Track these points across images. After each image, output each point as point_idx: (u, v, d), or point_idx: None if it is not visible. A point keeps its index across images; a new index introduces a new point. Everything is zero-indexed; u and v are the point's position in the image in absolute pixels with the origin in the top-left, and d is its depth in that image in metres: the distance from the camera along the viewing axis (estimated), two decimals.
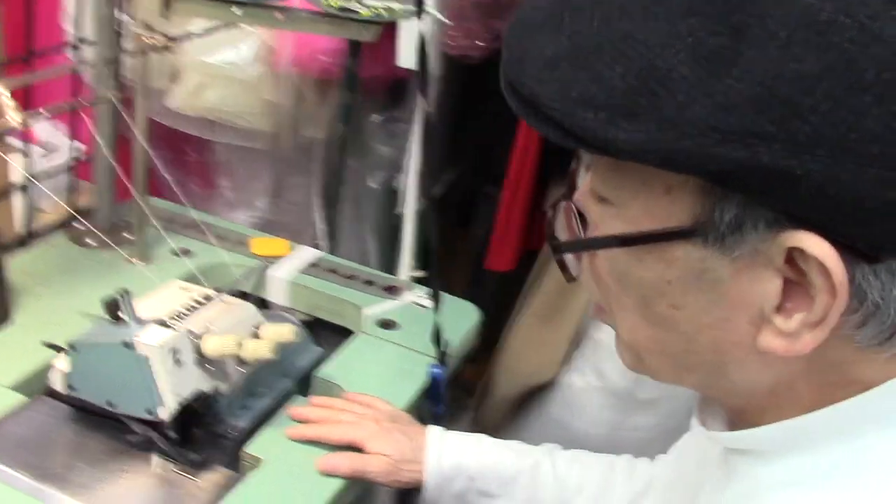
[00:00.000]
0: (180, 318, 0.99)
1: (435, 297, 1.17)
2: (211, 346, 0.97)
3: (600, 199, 0.59)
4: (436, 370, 1.13)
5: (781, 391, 0.58)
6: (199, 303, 1.04)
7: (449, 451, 1.00)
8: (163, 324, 0.94)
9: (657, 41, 0.49)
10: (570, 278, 0.66)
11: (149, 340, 0.91)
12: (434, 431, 1.03)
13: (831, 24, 0.47)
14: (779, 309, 0.54)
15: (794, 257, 0.52)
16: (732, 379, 0.59)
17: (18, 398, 1.02)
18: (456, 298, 1.33)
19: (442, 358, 1.15)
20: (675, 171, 0.51)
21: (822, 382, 0.57)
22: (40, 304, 1.18)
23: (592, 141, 0.52)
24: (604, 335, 1.48)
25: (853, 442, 0.56)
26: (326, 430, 1.00)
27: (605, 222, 0.59)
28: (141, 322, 0.94)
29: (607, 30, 0.51)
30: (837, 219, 0.50)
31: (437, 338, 1.15)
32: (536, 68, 0.54)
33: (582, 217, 0.62)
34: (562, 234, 0.65)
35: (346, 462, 0.98)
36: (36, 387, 1.04)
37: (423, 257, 1.41)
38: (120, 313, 0.93)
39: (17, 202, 1.31)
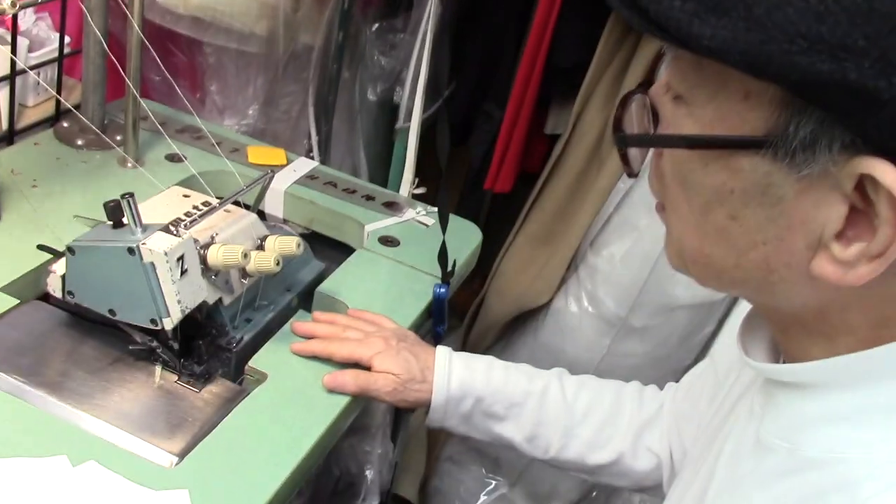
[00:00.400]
0: (183, 226, 0.95)
1: (443, 216, 1.14)
2: (216, 256, 0.93)
3: (676, 97, 0.56)
4: (440, 289, 1.11)
5: (833, 319, 0.57)
6: (202, 210, 1.00)
7: (457, 372, 0.99)
8: (168, 230, 0.90)
9: None
10: (631, 173, 0.64)
11: (155, 247, 0.87)
12: (442, 351, 1.01)
13: None
14: (838, 236, 0.52)
15: (863, 185, 0.49)
16: (779, 298, 0.58)
17: (10, 301, 0.98)
18: (458, 218, 1.30)
19: (446, 277, 1.13)
20: (756, 76, 0.49)
21: (879, 317, 0.55)
22: (29, 206, 1.13)
23: (676, 33, 0.49)
24: (600, 261, 1.46)
25: None
26: (334, 346, 0.98)
27: (677, 121, 0.56)
28: (145, 228, 0.89)
29: None
30: None
31: (443, 256, 1.12)
32: None
33: (654, 113, 0.60)
34: (629, 127, 0.62)
35: (353, 380, 0.95)
36: (29, 290, 1.00)
37: (419, 174, 1.38)
38: (123, 218, 0.89)
39: (1, 96, 1.24)
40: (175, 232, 0.90)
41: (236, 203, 1.04)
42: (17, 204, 1.13)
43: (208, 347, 0.97)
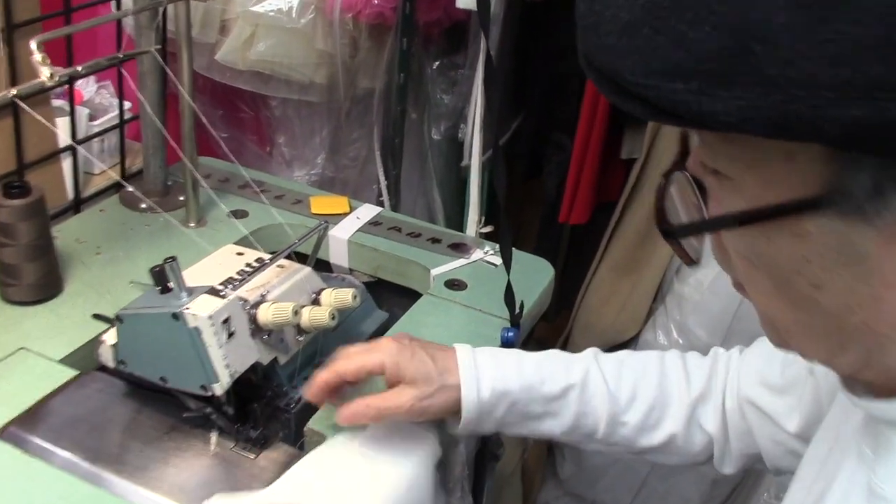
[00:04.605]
0: (234, 285, 0.92)
1: (506, 255, 1.08)
2: (267, 315, 0.90)
3: (714, 172, 0.51)
4: (508, 334, 1.05)
5: None
6: (254, 268, 0.97)
7: (487, 376, 0.87)
8: (214, 292, 0.87)
9: None
10: (692, 262, 0.58)
11: (199, 311, 0.84)
12: (464, 352, 0.88)
13: None
14: None
15: None
16: (894, 359, 0.51)
17: (69, 373, 0.97)
18: (528, 255, 1.24)
19: (515, 320, 1.07)
20: (789, 139, 0.43)
21: None
22: (91, 273, 1.13)
23: (686, 115, 0.44)
24: (688, 289, 1.38)
25: None
26: (340, 364, 0.86)
27: (725, 197, 0.50)
28: (190, 291, 0.87)
29: None
30: None
31: (509, 298, 1.07)
32: (613, 36, 0.46)
33: (700, 185, 0.53)
34: (677, 208, 0.56)
35: (366, 410, 0.84)
36: (87, 361, 0.99)
37: (492, 212, 1.32)
38: (169, 283, 0.87)
39: (66, 166, 1.26)
40: (221, 294, 0.87)
41: (297, 257, 1.01)
42: (80, 272, 1.13)
43: (265, 410, 0.94)
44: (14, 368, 0.97)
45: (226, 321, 0.86)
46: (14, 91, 0.84)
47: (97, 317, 0.95)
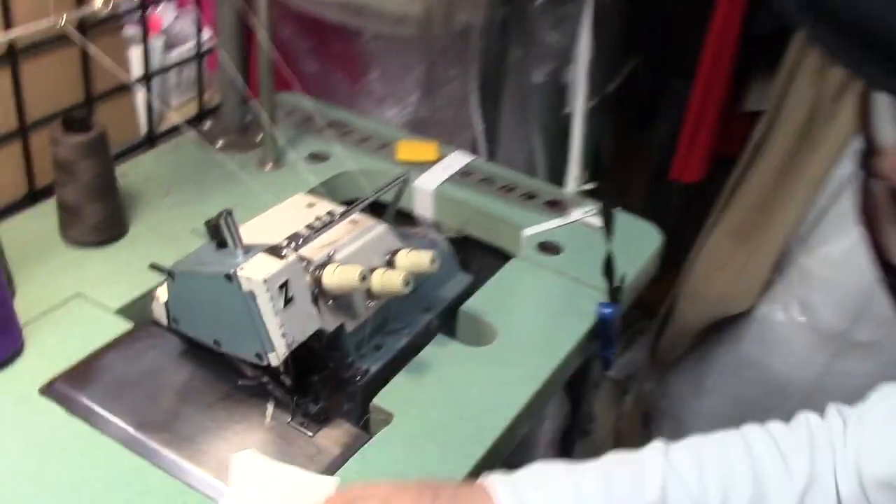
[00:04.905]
0: (298, 243, 0.82)
1: (608, 218, 0.96)
2: (331, 279, 0.80)
3: None
4: (605, 310, 0.93)
5: None
6: (324, 223, 0.87)
7: None
8: (274, 252, 0.78)
9: None
10: None
11: (254, 273, 0.75)
12: (502, 493, 0.66)
13: None
14: None
15: None
16: None
17: (123, 325, 0.89)
18: (633, 218, 1.11)
19: (614, 295, 0.94)
20: None
21: None
22: (157, 217, 1.05)
23: None
24: (815, 263, 1.22)
25: None
26: None
27: None
28: (248, 250, 0.78)
29: None
30: None
31: (608, 270, 0.94)
32: None
33: None
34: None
35: None
36: (144, 313, 0.91)
37: (595, 166, 1.19)
38: (225, 239, 0.77)
39: (140, 100, 1.18)
40: (281, 254, 0.78)
41: (375, 210, 0.91)
42: (146, 215, 1.06)
43: (328, 382, 0.84)
44: (68, 316, 0.90)
45: (283, 286, 0.76)
46: (63, 20, 0.75)
47: (154, 267, 0.87)
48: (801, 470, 0.69)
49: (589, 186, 1.12)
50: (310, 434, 0.80)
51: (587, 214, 1.09)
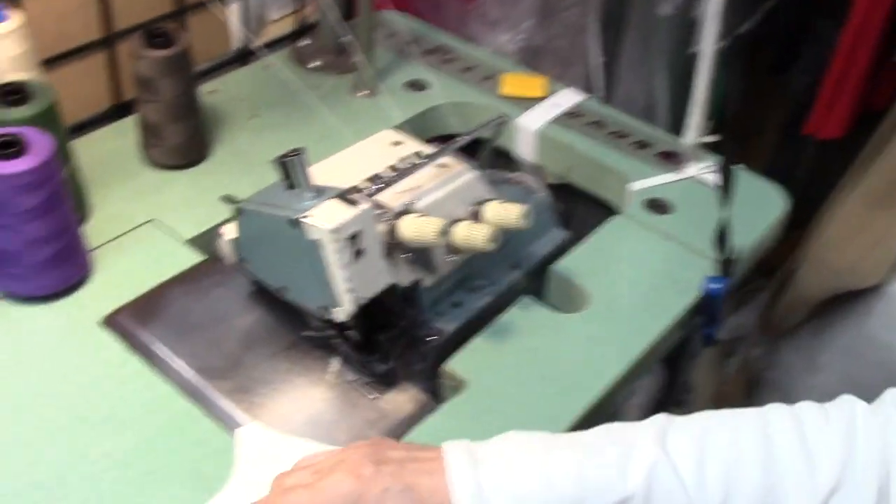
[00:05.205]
0: (377, 186, 0.75)
1: (725, 181, 0.85)
2: (408, 230, 0.73)
3: None
4: (713, 285, 0.83)
5: None
6: (409, 165, 0.79)
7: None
8: (347, 197, 0.71)
9: None
10: None
11: (321, 221, 0.68)
12: (461, 479, 0.55)
13: None
14: None
15: None
16: None
17: (193, 258, 0.85)
18: (756, 178, 0.99)
19: (725, 268, 0.84)
20: None
21: None
22: (242, 141, 1.00)
23: None
24: None
25: None
26: None
27: None
28: (318, 193, 0.71)
29: None
30: None
31: (721, 239, 0.84)
32: None
33: None
34: None
35: None
36: (217, 246, 0.86)
37: (720, 116, 1.07)
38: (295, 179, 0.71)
39: (233, 14, 1.11)
40: (354, 200, 0.71)
41: (471, 147, 0.82)
42: (230, 138, 1.00)
43: (399, 341, 0.78)
44: (139, 242, 0.87)
45: (354, 237, 0.69)
46: None
47: (226, 199, 0.82)
48: (828, 471, 0.56)
49: (710, 139, 1.00)
50: (373, 396, 0.74)
51: (705, 171, 0.98)
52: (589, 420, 0.74)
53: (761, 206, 0.96)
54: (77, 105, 0.98)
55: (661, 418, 0.59)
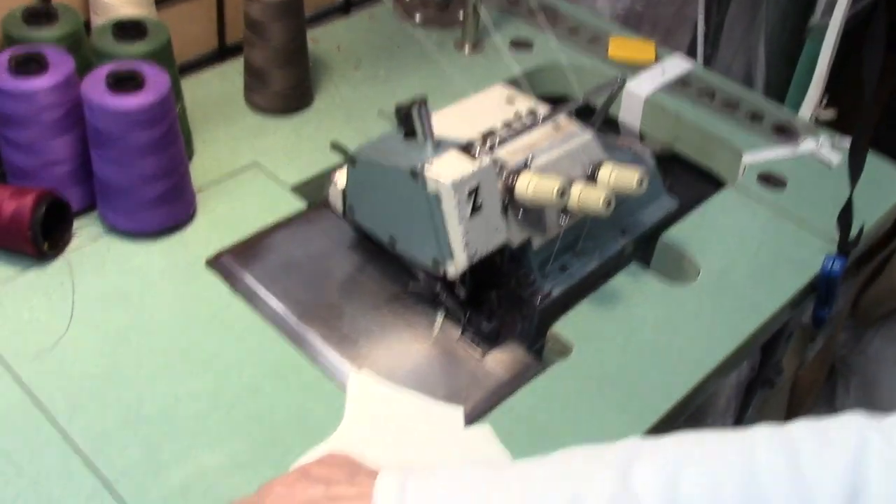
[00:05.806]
0: (494, 142, 0.73)
1: (857, 155, 0.81)
2: (526, 189, 0.71)
3: None
4: (832, 265, 0.79)
5: None
6: (526, 123, 0.77)
7: None
8: (467, 150, 0.69)
9: None
10: None
11: (442, 174, 0.66)
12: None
13: None
14: None
15: None
16: None
17: (297, 205, 0.84)
18: (876, 158, 0.95)
19: (847, 246, 0.81)
20: None
21: None
22: (345, 91, 0.99)
23: None
24: None
25: None
26: None
27: None
28: (438, 145, 0.69)
29: None
30: None
31: (846, 217, 0.80)
32: None
33: None
34: None
35: None
36: (320, 192, 0.86)
37: (838, 90, 1.03)
38: (414, 128, 0.69)
39: None
40: (474, 153, 0.69)
41: (579, 111, 0.80)
42: (333, 88, 0.99)
43: (505, 300, 0.76)
44: (243, 186, 0.86)
45: (473, 192, 0.68)
46: None
47: (336, 147, 0.80)
48: (844, 484, 0.45)
49: (828, 115, 0.97)
50: (478, 355, 0.73)
51: (821, 147, 0.94)
52: (695, 396, 0.72)
53: (880, 185, 0.92)
54: (184, 45, 0.97)
55: (630, 445, 0.50)
